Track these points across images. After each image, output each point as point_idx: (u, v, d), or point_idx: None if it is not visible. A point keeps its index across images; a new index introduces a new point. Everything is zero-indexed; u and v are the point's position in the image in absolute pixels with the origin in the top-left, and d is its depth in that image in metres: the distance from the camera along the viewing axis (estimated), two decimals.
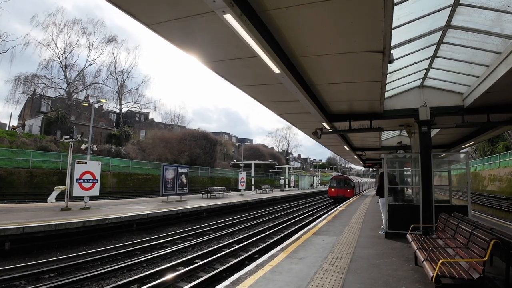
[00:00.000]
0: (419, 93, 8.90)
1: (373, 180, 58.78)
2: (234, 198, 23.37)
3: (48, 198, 14.11)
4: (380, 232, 8.81)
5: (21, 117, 42.75)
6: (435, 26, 5.92)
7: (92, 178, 13.36)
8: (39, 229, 8.91)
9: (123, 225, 11.70)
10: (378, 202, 9.70)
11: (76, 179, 12.76)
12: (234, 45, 4.98)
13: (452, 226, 5.52)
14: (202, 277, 6.89)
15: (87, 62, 38.67)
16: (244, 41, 4.29)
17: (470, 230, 4.55)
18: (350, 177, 31.65)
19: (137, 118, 56.15)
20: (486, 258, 3.76)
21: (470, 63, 7.10)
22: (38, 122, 36.18)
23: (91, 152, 15.04)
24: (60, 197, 14.59)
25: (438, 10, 5.37)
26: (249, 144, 72.63)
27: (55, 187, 14.48)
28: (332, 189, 28.27)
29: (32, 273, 6.80)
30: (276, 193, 33.30)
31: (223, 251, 9.27)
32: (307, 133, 13.36)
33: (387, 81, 7.09)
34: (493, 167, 29.66)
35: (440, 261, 3.95)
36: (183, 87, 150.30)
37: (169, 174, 18.11)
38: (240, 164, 31.78)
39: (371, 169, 36.59)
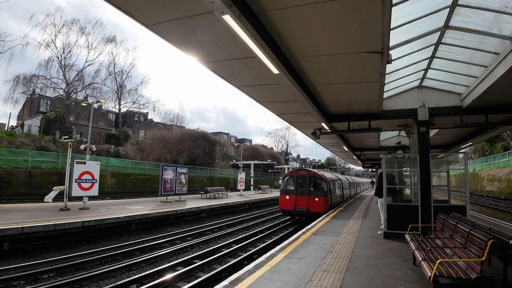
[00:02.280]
0: (417, 93, 8.92)
1: (368, 180, 55.09)
2: (233, 198, 23.37)
3: (46, 197, 14.07)
4: (378, 232, 8.82)
5: (20, 117, 42.65)
6: (434, 26, 5.94)
7: (91, 178, 13.34)
8: (38, 229, 8.90)
9: (122, 225, 11.70)
10: (377, 202, 9.72)
11: (75, 179, 12.75)
12: (233, 45, 4.99)
13: (450, 226, 5.54)
14: (201, 277, 6.90)
15: (86, 62, 38.68)
16: (242, 41, 4.30)
17: (468, 230, 4.57)
18: (322, 173, 16.40)
19: (136, 118, 56.07)
20: (483, 258, 3.78)
21: (469, 63, 7.12)
22: (37, 122, 36.09)
23: (90, 152, 15.03)
24: (59, 197, 14.57)
25: (437, 11, 5.39)
26: (248, 144, 72.57)
27: (54, 187, 14.46)
28: (287, 197, 15.25)
29: (31, 273, 6.80)
30: (275, 193, 33.25)
31: (222, 251, 9.28)
32: (306, 133, 13.38)
33: (385, 82, 7.10)
34: (492, 167, 29.72)
35: (438, 261, 3.97)
36: (180, 86, 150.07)
37: (168, 174, 18.10)
38: (239, 165, 31.81)
39: (370, 169, 36.12)
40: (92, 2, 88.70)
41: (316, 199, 14.51)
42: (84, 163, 13.34)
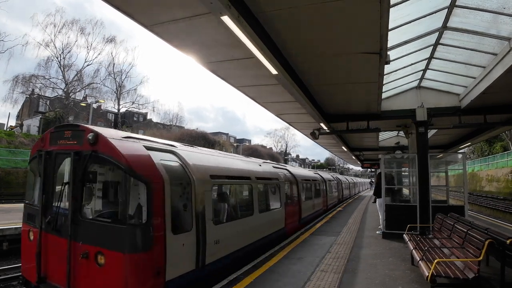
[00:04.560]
0: (416, 94, 8.95)
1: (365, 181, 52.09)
2: None
3: None
4: (377, 232, 8.84)
5: (19, 117, 42.56)
6: (432, 27, 5.96)
7: None
8: None
9: None
10: (376, 202, 9.74)
11: None
12: (232, 46, 5.00)
13: (448, 226, 5.56)
14: None
15: (85, 62, 38.61)
16: (241, 42, 4.31)
17: (466, 230, 4.59)
18: (168, 144, 4.84)
19: (135, 118, 56.05)
20: (481, 257, 3.80)
21: (467, 64, 7.15)
22: (36, 122, 36.05)
23: None
24: None
25: (435, 12, 5.41)
26: (247, 144, 72.53)
27: None
28: (31, 236, 4.08)
29: None
30: None
31: None
32: (305, 133, 13.39)
33: (384, 82, 7.13)
34: (491, 167, 29.81)
35: (436, 261, 3.99)
36: (179, 86, 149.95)
37: None
38: None
39: (369, 169, 36.01)
40: None
41: (101, 260, 3.40)
42: None
